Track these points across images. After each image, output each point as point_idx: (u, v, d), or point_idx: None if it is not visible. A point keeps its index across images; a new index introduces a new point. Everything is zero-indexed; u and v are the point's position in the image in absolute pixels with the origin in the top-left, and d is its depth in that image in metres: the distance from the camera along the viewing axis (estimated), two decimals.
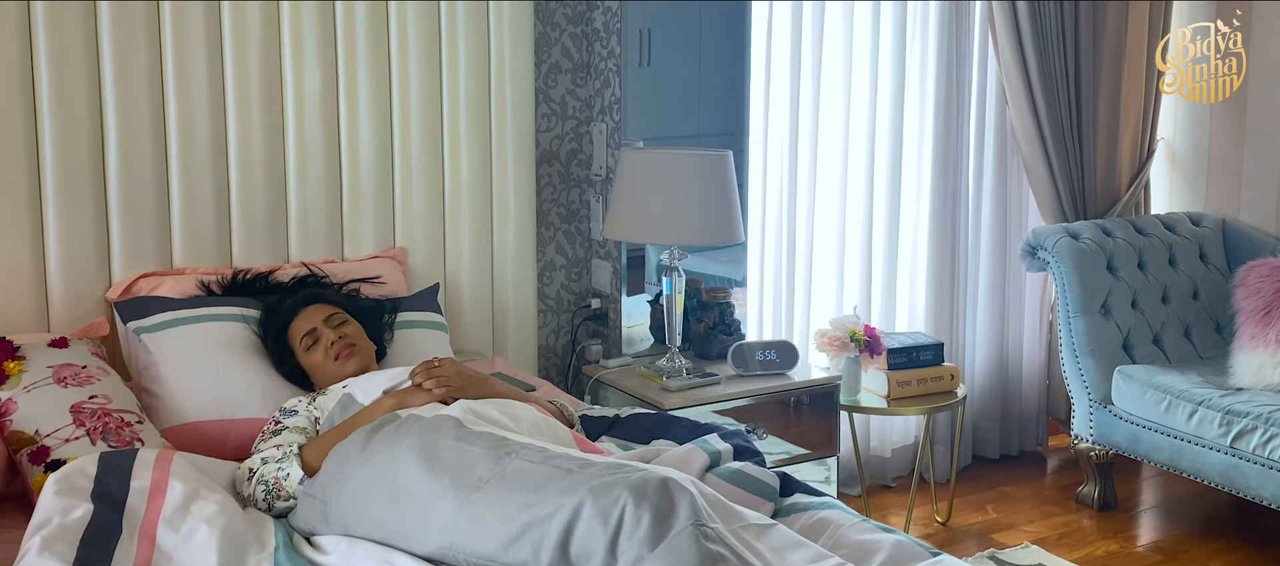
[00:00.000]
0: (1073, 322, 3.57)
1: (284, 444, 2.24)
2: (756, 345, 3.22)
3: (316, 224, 2.91)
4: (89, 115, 2.60)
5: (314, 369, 2.50)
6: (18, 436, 2.19)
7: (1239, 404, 3.19)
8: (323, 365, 2.48)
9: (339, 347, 2.47)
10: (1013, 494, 3.78)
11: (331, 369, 2.47)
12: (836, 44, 3.56)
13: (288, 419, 2.33)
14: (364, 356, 2.51)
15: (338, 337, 2.49)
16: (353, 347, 2.49)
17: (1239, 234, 3.89)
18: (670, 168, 2.93)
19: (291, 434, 2.28)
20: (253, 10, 2.75)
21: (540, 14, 3.29)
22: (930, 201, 3.77)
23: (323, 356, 2.47)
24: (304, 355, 2.50)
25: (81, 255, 2.63)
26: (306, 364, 2.50)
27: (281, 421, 2.33)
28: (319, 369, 2.49)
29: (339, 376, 2.47)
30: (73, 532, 1.87)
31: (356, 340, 2.52)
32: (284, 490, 2.12)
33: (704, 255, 3.49)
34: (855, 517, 2.02)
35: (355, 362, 2.48)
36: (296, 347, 2.51)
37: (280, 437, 2.27)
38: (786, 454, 3.15)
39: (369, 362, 2.52)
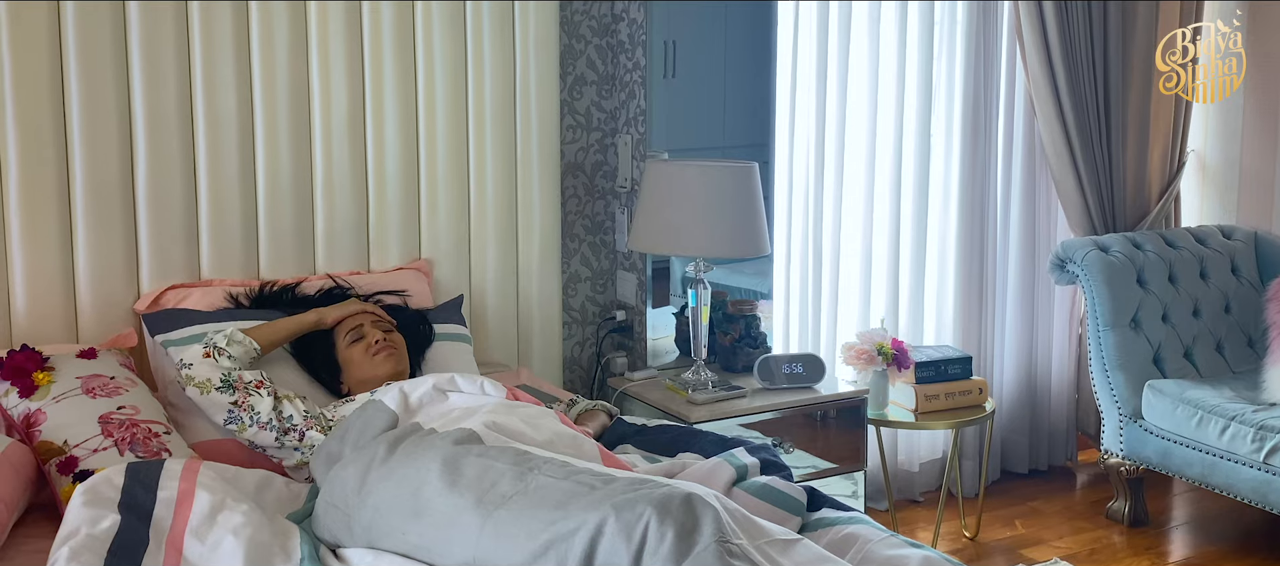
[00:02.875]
0: (1102, 336, 3.53)
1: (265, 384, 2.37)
2: (783, 358, 3.20)
3: (343, 236, 2.92)
4: (118, 127, 2.62)
5: (349, 363, 2.53)
6: (46, 446, 2.21)
7: (1272, 419, 3.15)
8: (360, 360, 2.52)
9: (381, 347, 2.52)
10: (1042, 509, 3.74)
11: (367, 366, 2.51)
12: (862, 55, 3.55)
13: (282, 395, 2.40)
14: (400, 365, 2.55)
15: (383, 337, 2.54)
16: (393, 351, 2.54)
17: (1272, 247, 3.84)
18: (696, 179, 2.92)
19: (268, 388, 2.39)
20: (281, 23, 2.77)
21: (565, 26, 3.29)
22: (958, 213, 3.74)
23: (363, 351, 2.52)
24: (345, 347, 2.54)
25: (110, 266, 2.65)
26: (344, 356, 2.54)
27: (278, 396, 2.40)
28: (354, 363, 2.53)
29: (371, 375, 2.50)
30: (100, 543, 1.87)
31: (397, 348, 2.56)
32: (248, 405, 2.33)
33: (729, 267, 3.48)
34: (883, 533, 2.00)
35: (390, 364, 2.52)
36: (340, 337, 2.55)
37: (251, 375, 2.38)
38: (813, 468, 3.13)
39: (402, 372, 2.55)
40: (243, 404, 2.35)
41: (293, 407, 2.37)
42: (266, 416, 2.34)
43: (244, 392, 2.36)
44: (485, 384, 2.38)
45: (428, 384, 2.35)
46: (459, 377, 2.39)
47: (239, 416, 2.34)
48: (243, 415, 2.34)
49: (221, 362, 2.38)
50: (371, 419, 2.22)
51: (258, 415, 2.34)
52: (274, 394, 2.37)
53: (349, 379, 2.54)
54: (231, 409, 2.34)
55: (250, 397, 2.35)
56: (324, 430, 2.36)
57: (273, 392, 2.37)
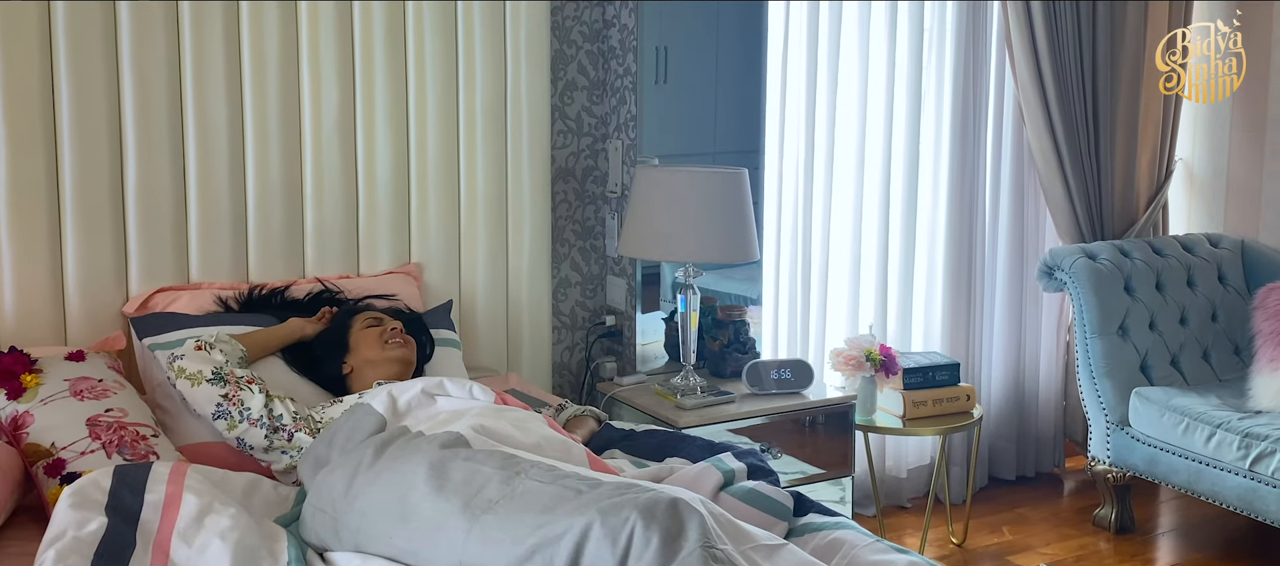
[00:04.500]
0: (1090, 343, 3.55)
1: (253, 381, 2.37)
2: (771, 363, 3.21)
3: (332, 240, 2.92)
4: (108, 130, 2.62)
5: (360, 343, 2.56)
6: (34, 449, 2.20)
7: (1258, 427, 3.17)
8: (372, 343, 2.56)
9: (396, 334, 2.58)
10: (1029, 515, 3.75)
11: (378, 349, 2.55)
12: (853, 62, 3.56)
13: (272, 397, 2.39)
14: (409, 358, 2.59)
15: (401, 329, 2.60)
16: (406, 343, 2.60)
17: (1258, 255, 3.86)
18: (686, 185, 2.93)
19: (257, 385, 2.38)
20: (272, 27, 2.77)
21: (557, 32, 3.30)
22: (946, 220, 3.76)
23: (377, 336, 2.56)
24: (361, 330, 2.58)
25: (99, 269, 2.65)
26: (356, 336, 2.57)
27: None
28: (365, 344, 2.56)
29: (379, 358, 2.54)
30: (87, 546, 1.87)
31: (410, 343, 2.62)
32: (239, 400, 2.33)
33: (719, 273, 3.49)
34: (869, 538, 2.01)
35: (403, 352, 2.57)
36: (355, 323, 2.59)
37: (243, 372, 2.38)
38: (801, 473, 3.14)
39: (408, 367, 2.58)
40: (233, 398, 2.35)
41: (283, 407, 2.37)
42: (257, 412, 2.34)
43: (235, 386, 2.36)
44: (474, 388, 2.38)
45: (416, 387, 2.35)
46: (448, 381, 2.39)
47: (228, 411, 2.34)
48: (232, 410, 2.34)
49: (213, 356, 2.39)
50: (359, 422, 2.21)
51: (248, 411, 2.34)
52: (266, 392, 2.37)
53: (355, 359, 2.56)
54: (221, 402, 2.34)
55: (241, 392, 2.35)
56: (312, 432, 2.35)
57: (264, 391, 2.37)
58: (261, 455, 2.36)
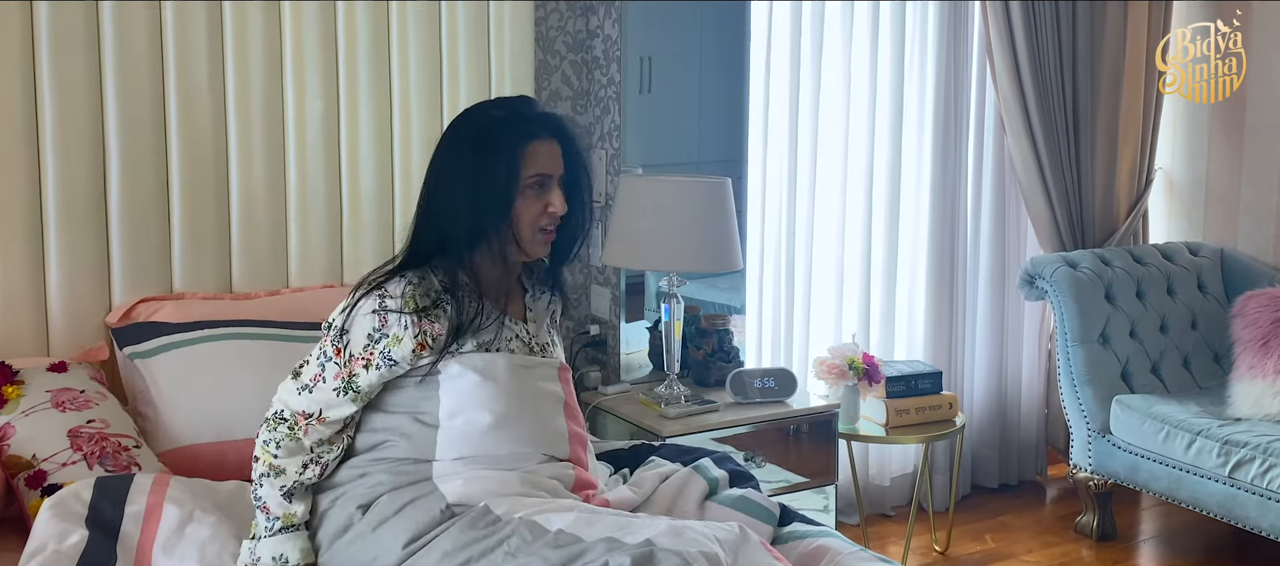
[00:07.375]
0: (1071, 352, 3.57)
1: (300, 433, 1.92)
2: (755, 372, 3.22)
3: (317, 249, 2.91)
4: (90, 139, 2.61)
5: (520, 216, 1.95)
6: (15, 460, 2.19)
7: (1237, 434, 3.19)
8: (527, 224, 1.96)
9: (551, 228, 1.99)
10: (1012, 523, 3.77)
11: (526, 238, 1.96)
12: (835, 72, 3.58)
13: (345, 342, 1.92)
14: (544, 257, 2.06)
15: (559, 219, 1.99)
16: (553, 239, 2.01)
17: (1237, 263, 3.90)
18: (669, 194, 2.94)
19: (325, 393, 1.91)
20: (255, 35, 2.77)
21: (541, 42, 3.30)
22: (929, 230, 3.77)
23: (534, 215, 1.96)
24: (530, 200, 1.95)
25: (82, 279, 2.64)
26: (520, 208, 1.95)
27: (339, 349, 1.93)
28: (516, 223, 1.95)
29: (529, 236, 1.97)
30: (67, 559, 1.86)
31: (555, 238, 2.02)
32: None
33: (703, 282, 3.49)
34: (853, 547, 2.01)
35: (544, 251, 2.02)
36: (520, 175, 1.93)
37: (308, 400, 1.91)
38: (785, 482, 3.14)
39: (516, 293, 2.09)
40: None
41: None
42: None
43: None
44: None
45: None
46: None
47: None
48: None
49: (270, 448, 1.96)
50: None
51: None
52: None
53: (520, 231, 1.96)
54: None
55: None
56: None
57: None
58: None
